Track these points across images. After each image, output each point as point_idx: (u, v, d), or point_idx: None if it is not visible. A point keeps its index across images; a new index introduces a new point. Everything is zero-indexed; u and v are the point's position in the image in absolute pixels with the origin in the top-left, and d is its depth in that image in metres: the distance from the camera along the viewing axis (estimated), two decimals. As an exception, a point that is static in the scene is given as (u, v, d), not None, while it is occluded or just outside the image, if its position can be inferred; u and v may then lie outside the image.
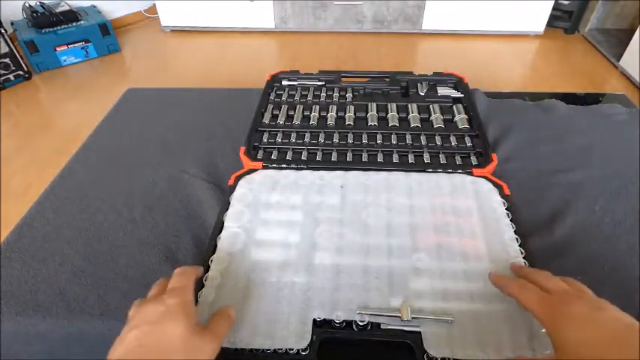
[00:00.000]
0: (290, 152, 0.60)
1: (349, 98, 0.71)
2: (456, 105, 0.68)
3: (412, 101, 0.69)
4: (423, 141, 0.62)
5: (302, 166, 0.58)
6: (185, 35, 2.54)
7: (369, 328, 0.40)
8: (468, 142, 0.61)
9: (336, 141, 0.62)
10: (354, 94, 0.73)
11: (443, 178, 0.55)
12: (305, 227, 0.49)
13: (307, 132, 0.64)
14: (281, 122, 0.66)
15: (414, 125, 0.65)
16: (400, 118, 0.66)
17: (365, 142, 0.62)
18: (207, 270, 0.45)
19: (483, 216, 0.50)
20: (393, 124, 0.65)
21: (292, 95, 0.73)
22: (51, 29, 2.15)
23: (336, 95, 0.72)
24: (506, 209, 0.51)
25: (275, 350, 0.38)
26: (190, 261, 0.49)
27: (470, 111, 0.66)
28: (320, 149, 0.61)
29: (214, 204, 0.55)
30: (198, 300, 0.42)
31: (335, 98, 0.71)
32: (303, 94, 0.73)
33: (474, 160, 0.58)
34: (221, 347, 0.35)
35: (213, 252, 0.47)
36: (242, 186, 0.55)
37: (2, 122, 1.82)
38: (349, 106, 0.69)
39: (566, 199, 0.54)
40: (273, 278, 0.44)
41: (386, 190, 0.54)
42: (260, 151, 0.61)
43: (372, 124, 0.65)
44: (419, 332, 0.39)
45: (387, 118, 0.66)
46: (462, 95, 0.70)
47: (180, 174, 0.60)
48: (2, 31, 1.92)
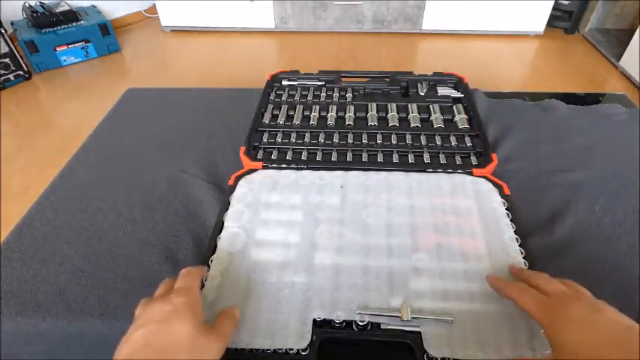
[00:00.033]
0: (290, 152, 0.60)
1: (349, 98, 0.71)
2: (456, 105, 0.68)
3: (412, 101, 0.69)
4: (423, 141, 0.62)
5: (302, 166, 0.58)
6: (185, 35, 2.54)
7: (369, 328, 0.40)
8: (468, 142, 0.61)
9: (336, 141, 0.62)
10: (354, 94, 0.73)
11: (443, 178, 0.55)
12: (305, 227, 0.49)
13: (307, 132, 0.64)
14: (281, 122, 0.66)
15: (414, 125, 0.65)
16: (400, 118, 0.66)
17: (365, 142, 0.62)
18: (207, 270, 0.45)
19: (483, 216, 0.50)
20: (393, 124, 0.65)
21: (292, 95, 0.73)
22: (51, 29, 2.15)
23: (336, 95, 0.72)
24: (506, 209, 0.51)
25: (275, 350, 0.38)
26: (190, 261, 0.49)
27: (470, 111, 0.66)
28: (320, 149, 0.61)
29: (214, 204, 0.55)
30: None
31: (335, 98, 0.71)
32: (303, 94, 0.73)
33: (474, 160, 0.59)
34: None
35: (213, 252, 0.47)
36: (242, 186, 0.55)
37: (2, 122, 1.82)
38: (349, 106, 0.69)
39: (566, 199, 0.54)
40: (273, 278, 0.44)
41: (386, 190, 0.54)
42: (260, 151, 0.62)
43: (372, 124, 0.65)
44: (419, 332, 0.39)
45: (387, 118, 0.66)
46: (462, 95, 0.70)
47: (180, 174, 0.60)
48: (2, 31, 1.92)
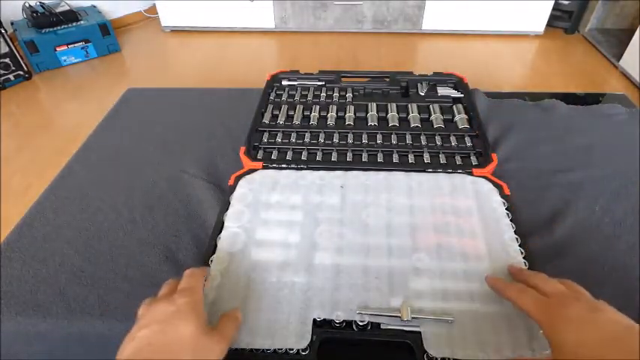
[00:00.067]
0: (290, 152, 0.60)
1: (349, 98, 0.71)
2: (456, 105, 0.68)
3: (412, 101, 0.69)
4: (423, 141, 0.62)
5: (302, 166, 0.58)
6: (185, 35, 2.54)
7: (369, 328, 0.40)
8: (468, 142, 0.61)
9: (336, 141, 0.62)
10: (354, 94, 0.73)
11: (443, 178, 0.55)
12: (305, 227, 0.49)
13: (307, 132, 0.64)
14: (281, 122, 0.66)
15: (414, 125, 0.65)
16: (400, 118, 0.66)
17: (365, 142, 0.62)
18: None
19: (483, 216, 0.50)
20: (393, 124, 0.65)
21: (292, 95, 0.73)
22: (51, 29, 2.14)
23: (336, 95, 0.72)
24: (506, 209, 0.51)
25: (275, 350, 0.38)
26: (190, 261, 0.49)
27: (470, 111, 0.66)
28: (320, 149, 0.61)
29: (214, 204, 0.55)
30: None
31: (335, 98, 0.71)
32: (303, 94, 0.73)
33: (474, 160, 0.58)
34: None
35: (213, 252, 0.47)
36: (242, 186, 0.55)
37: (2, 122, 1.82)
38: (349, 106, 0.69)
39: (566, 199, 0.54)
40: (273, 278, 0.44)
41: (386, 190, 0.54)
42: (260, 151, 0.62)
43: (372, 124, 0.65)
44: (419, 332, 0.39)
45: (387, 118, 0.66)
46: (462, 95, 0.70)
47: (180, 174, 0.60)
48: (2, 31, 1.92)
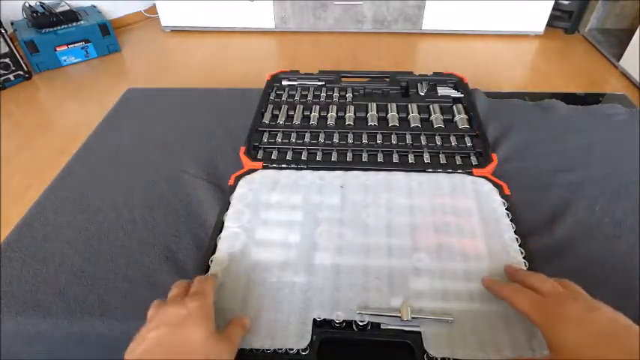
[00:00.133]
0: (290, 152, 0.60)
1: (349, 98, 0.71)
2: (456, 105, 0.68)
3: (412, 101, 0.69)
4: (423, 141, 0.62)
5: (302, 166, 0.58)
6: (185, 35, 2.54)
7: (369, 328, 0.40)
8: (468, 142, 0.61)
9: (336, 141, 0.62)
10: (354, 94, 0.73)
11: (443, 178, 0.55)
12: (305, 227, 0.49)
13: (307, 132, 0.64)
14: (281, 122, 0.66)
15: (414, 125, 0.65)
16: (400, 118, 0.66)
17: (365, 142, 0.62)
18: (208, 270, 0.45)
19: (483, 216, 0.50)
20: (393, 124, 0.65)
21: (292, 95, 0.73)
22: (51, 29, 2.14)
23: (336, 95, 0.72)
24: (506, 209, 0.51)
25: (275, 350, 0.38)
26: (190, 261, 0.49)
27: (470, 111, 0.66)
28: (320, 149, 0.61)
29: (214, 204, 0.55)
30: None
31: (335, 98, 0.71)
32: (303, 94, 0.73)
33: (474, 160, 0.58)
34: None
35: (213, 252, 0.47)
36: (242, 186, 0.55)
37: (2, 122, 1.82)
38: (349, 106, 0.69)
39: (566, 199, 0.54)
40: (273, 278, 0.44)
41: (386, 190, 0.54)
42: (260, 151, 0.61)
43: (372, 124, 0.65)
44: (419, 332, 0.39)
45: (387, 118, 0.66)
46: (462, 95, 0.70)
47: (180, 174, 0.60)
48: (2, 31, 1.92)
